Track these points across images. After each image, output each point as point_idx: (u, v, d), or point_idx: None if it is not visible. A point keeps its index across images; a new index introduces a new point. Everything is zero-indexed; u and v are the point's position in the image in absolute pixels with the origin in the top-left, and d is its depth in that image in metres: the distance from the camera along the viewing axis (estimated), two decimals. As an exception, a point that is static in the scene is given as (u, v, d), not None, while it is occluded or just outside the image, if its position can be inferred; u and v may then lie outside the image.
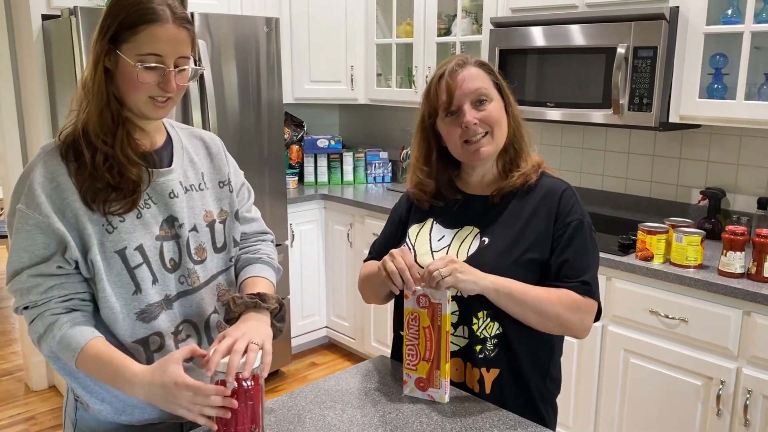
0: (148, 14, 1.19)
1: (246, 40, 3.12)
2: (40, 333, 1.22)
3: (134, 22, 1.19)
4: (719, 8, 2.38)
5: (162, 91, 1.23)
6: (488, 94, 1.41)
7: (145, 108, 1.25)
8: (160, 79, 1.22)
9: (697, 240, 2.23)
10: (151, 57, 1.20)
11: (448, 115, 1.43)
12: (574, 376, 2.55)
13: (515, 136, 1.46)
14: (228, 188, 1.45)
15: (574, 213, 1.43)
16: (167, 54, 1.22)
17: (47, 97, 2.98)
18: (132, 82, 1.21)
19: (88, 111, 1.23)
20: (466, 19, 3.25)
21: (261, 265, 1.49)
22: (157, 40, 1.20)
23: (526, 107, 2.80)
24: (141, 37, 1.19)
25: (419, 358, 1.36)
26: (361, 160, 4.02)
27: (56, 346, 1.22)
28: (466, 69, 1.42)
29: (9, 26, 3.07)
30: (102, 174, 1.22)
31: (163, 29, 1.20)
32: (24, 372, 3.52)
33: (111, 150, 1.23)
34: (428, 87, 1.45)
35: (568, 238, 1.41)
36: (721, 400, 2.15)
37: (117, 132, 1.24)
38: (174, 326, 1.32)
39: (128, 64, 1.20)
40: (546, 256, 1.41)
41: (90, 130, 1.22)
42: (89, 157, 1.22)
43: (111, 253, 1.23)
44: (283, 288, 3.49)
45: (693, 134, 2.75)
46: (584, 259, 1.41)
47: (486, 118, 1.41)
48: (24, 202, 1.21)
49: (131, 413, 1.32)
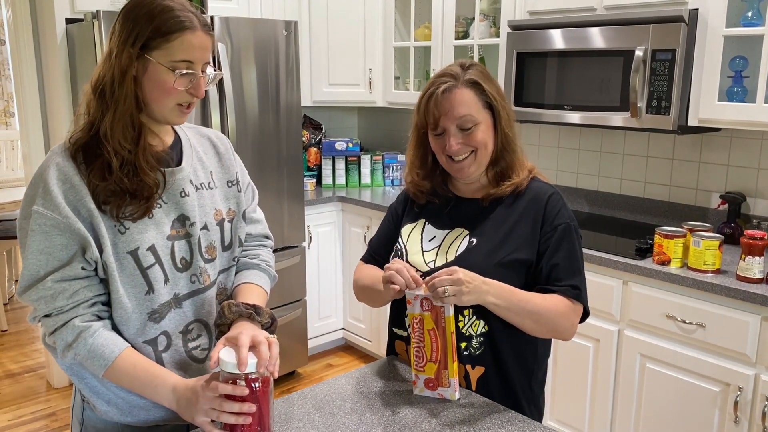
0: (181, 22, 1.21)
1: (265, 43, 3.15)
2: (69, 342, 1.21)
3: (167, 30, 1.21)
4: (739, 10, 2.36)
5: (191, 96, 1.26)
6: (474, 119, 1.41)
7: (170, 114, 1.27)
8: (190, 85, 1.25)
9: (715, 244, 2.21)
10: (184, 64, 1.23)
11: (435, 134, 1.46)
12: (590, 380, 2.53)
13: (504, 151, 1.46)
14: (236, 188, 1.46)
15: (561, 217, 1.45)
16: (198, 60, 1.24)
17: (70, 99, 3.04)
18: (164, 89, 1.23)
19: (111, 117, 1.22)
20: (484, 22, 3.25)
21: (258, 271, 1.49)
22: (191, 47, 1.22)
23: (544, 110, 2.79)
24: (174, 44, 1.21)
25: (426, 360, 1.37)
26: (378, 162, 4.03)
27: (86, 355, 1.21)
28: (454, 93, 1.41)
29: (35, 30, 3.14)
30: (119, 178, 1.21)
31: (194, 36, 1.23)
32: (46, 369, 3.59)
33: (132, 156, 1.23)
34: (418, 102, 1.46)
35: (557, 241, 1.44)
36: (738, 407, 2.12)
37: (139, 139, 1.25)
38: (183, 325, 1.33)
39: (161, 71, 1.22)
40: (531, 258, 1.44)
41: (111, 135, 1.22)
42: (108, 162, 1.21)
43: (124, 253, 1.23)
44: (299, 289, 3.51)
45: (713, 137, 2.72)
46: (574, 263, 1.45)
47: (469, 141, 1.42)
48: (40, 203, 1.20)
49: (137, 415, 1.33)
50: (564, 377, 2.61)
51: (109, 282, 1.24)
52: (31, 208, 1.21)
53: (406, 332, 1.55)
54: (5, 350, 3.93)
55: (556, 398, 2.66)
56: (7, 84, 6.50)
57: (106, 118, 1.22)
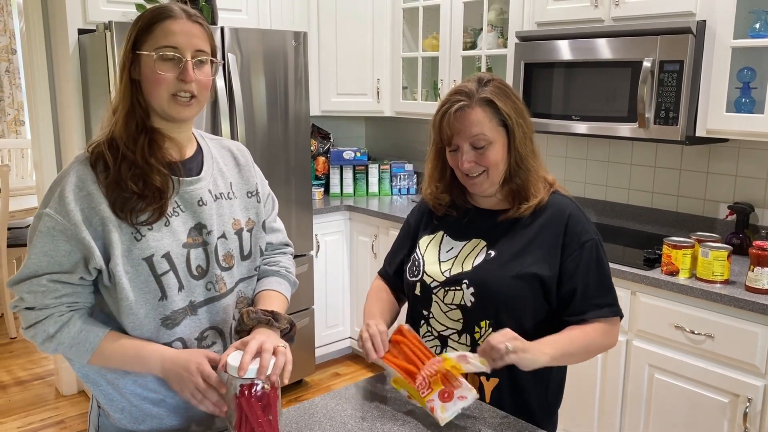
0: (161, 13, 1.26)
1: (274, 53, 3.18)
2: (50, 333, 1.24)
3: (149, 23, 1.26)
4: (747, 22, 2.37)
5: (182, 83, 1.26)
6: (487, 138, 1.41)
7: (168, 107, 1.27)
8: (179, 71, 1.26)
9: (724, 255, 2.21)
10: (167, 49, 1.25)
11: (450, 150, 1.47)
12: (598, 391, 2.53)
13: (518, 169, 1.45)
14: (256, 198, 1.48)
15: (586, 233, 1.45)
16: (183, 46, 1.26)
17: (82, 109, 3.07)
18: (153, 79, 1.25)
19: (116, 120, 1.27)
20: (491, 33, 3.27)
21: (278, 278, 1.51)
22: (171, 33, 1.25)
23: (552, 121, 2.80)
24: (156, 33, 1.25)
25: (428, 383, 1.35)
26: (386, 172, 4.05)
27: (69, 342, 1.24)
28: (467, 112, 1.40)
29: (47, 40, 3.17)
30: (127, 183, 1.24)
31: (176, 23, 1.26)
32: (55, 377, 3.60)
33: (133, 156, 1.26)
34: (434, 118, 1.47)
35: (586, 260, 1.44)
36: (748, 418, 2.12)
37: (139, 139, 1.27)
38: (198, 332, 1.34)
39: (148, 61, 1.25)
40: (549, 273, 1.43)
41: (117, 137, 1.27)
42: (115, 166, 1.25)
43: (138, 260, 1.25)
44: (307, 298, 3.52)
45: (720, 148, 2.72)
46: (606, 279, 1.47)
47: (481, 161, 1.42)
48: (53, 207, 1.23)
49: (149, 423, 1.34)
50: (572, 387, 2.60)
51: (117, 290, 1.25)
52: (44, 210, 1.24)
53: None
54: (14, 358, 3.95)
55: (565, 408, 2.64)
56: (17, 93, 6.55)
57: (117, 123, 1.27)
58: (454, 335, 1.49)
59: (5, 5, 6.39)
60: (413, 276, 1.55)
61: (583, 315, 1.43)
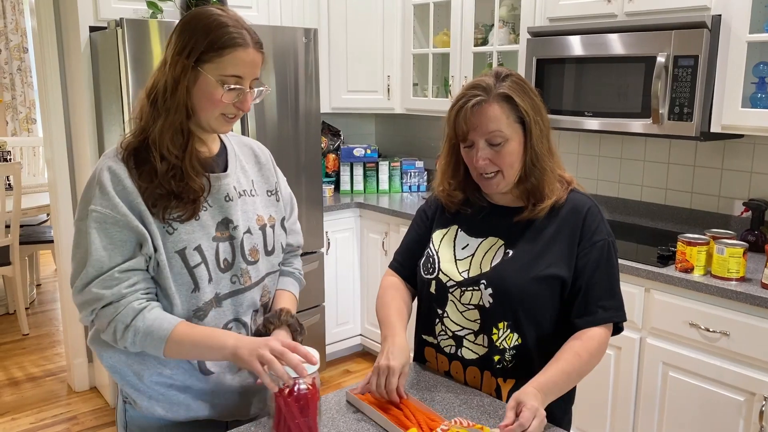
0: (234, 39, 1.27)
1: (285, 50, 3.17)
2: (127, 322, 1.25)
3: (221, 45, 1.26)
4: (763, 16, 2.34)
5: (236, 109, 1.31)
6: (504, 135, 1.37)
7: (215, 123, 1.32)
8: (237, 99, 1.30)
9: (740, 252, 2.19)
10: (233, 78, 1.28)
11: (464, 146, 1.44)
12: (611, 389, 2.51)
13: (533, 168, 1.41)
14: (275, 197, 1.52)
15: (599, 233, 1.43)
16: (246, 76, 1.30)
17: (93, 107, 3.07)
18: (211, 100, 1.28)
19: (161, 124, 1.28)
20: (503, 28, 3.25)
21: (293, 280, 1.60)
22: (241, 63, 1.28)
23: (564, 117, 2.78)
24: (226, 59, 1.27)
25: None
26: (396, 169, 4.04)
27: (145, 330, 1.25)
28: (484, 107, 1.36)
29: (59, 38, 3.18)
30: (166, 182, 1.27)
31: (246, 53, 1.28)
32: (67, 373, 3.62)
33: (180, 162, 1.29)
34: (449, 113, 1.42)
35: (596, 259, 1.41)
36: (764, 417, 2.09)
37: (187, 145, 1.31)
38: (223, 324, 1.38)
39: (211, 83, 1.27)
40: (566, 274, 1.41)
41: (160, 141, 1.28)
42: (155, 166, 1.27)
43: (172, 253, 1.29)
44: (318, 295, 3.52)
45: (736, 144, 2.70)
46: (614, 281, 1.44)
47: (496, 159, 1.39)
48: (98, 202, 1.26)
49: (177, 411, 1.38)
50: (585, 386, 2.57)
51: (160, 279, 1.29)
52: (88, 208, 1.26)
53: (436, 340, 1.54)
54: (27, 354, 3.98)
55: (577, 406, 2.62)
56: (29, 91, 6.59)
57: (157, 124, 1.29)
58: (470, 335, 1.47)
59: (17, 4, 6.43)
60: (428, 273, 1.53)
61: (591, 316, 1.41)
